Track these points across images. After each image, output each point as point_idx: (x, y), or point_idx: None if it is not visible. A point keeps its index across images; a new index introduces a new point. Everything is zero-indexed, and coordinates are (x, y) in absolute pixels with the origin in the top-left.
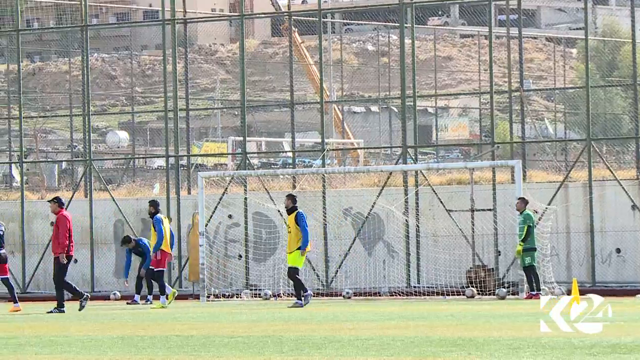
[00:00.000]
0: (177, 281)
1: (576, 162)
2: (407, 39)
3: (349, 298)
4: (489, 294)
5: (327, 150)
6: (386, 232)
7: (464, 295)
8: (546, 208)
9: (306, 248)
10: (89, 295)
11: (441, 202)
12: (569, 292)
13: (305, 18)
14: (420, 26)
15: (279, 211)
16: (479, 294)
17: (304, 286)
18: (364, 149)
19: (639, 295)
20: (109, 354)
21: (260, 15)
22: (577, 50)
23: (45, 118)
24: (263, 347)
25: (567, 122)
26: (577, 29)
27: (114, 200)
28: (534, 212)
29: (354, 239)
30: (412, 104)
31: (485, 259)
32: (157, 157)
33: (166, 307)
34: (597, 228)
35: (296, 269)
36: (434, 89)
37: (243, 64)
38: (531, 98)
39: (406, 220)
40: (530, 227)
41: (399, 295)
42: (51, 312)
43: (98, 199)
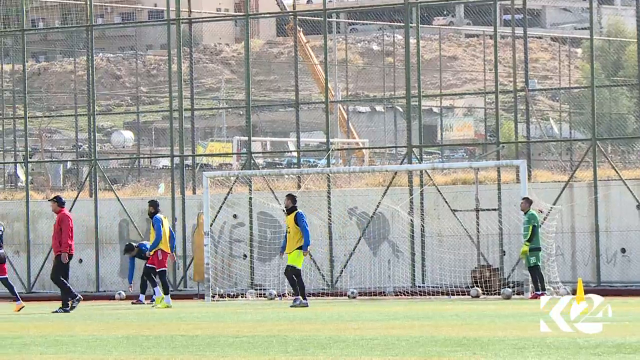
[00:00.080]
0: (182, 281)
1: (581, 162)
2: (412, 39)
3: (353, 298)
4: (494, 294)
5: (332, 150)
6: (391, 231)
7: (469, 295)
8: (551, 208)
9: (308, 248)
10: (81, 298)
11: (446, 202)
12: (574, 291)
13: (310, 18)
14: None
15: (284, 211)
16: (484, 293)
17: (296, 288)
18: (369, 148)
19: None
20: (114, 354)
21: (265, 15)
22: (582, 50)
23: (50, 118)
24: (268, 347)
25: (572, 121)
26: (582, 28)
27: (119, 200)
28: (539, 211)
29: (359, 239)
30: (417, 103)
31: (490, 258)
32: (162, 156)
33: (171, 306)
34: (602, 228)
35: (294, 268)
36: (439, 88)
37: (248, 64)
38: (536, 98)
39: (411, 220)
40: (535, 227)
41: (404, 295)
42: (56, 311)
43: (103, 198)
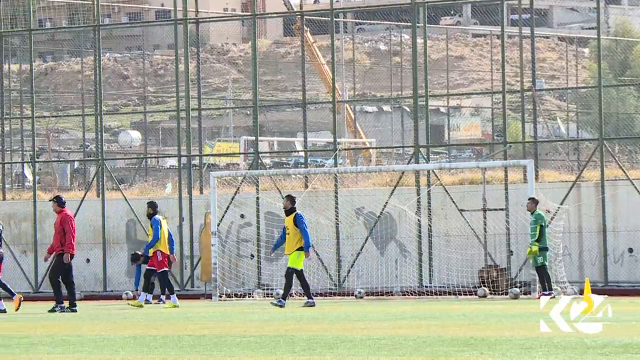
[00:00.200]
0: (189, 281)
1: (588, 162)
2: (420, 39)
3: (361, 298)
4: (501, 294)
5: (340, 149)
6: (398, 231)
7: (476, 295)
8: (558, 208)
9: (309, 249)
10: (64, 307)
11: (453, 201)
12: (581, 291)
13: (318, 18)
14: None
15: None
16: (491, 293)
17: (288, 291)
18: (376, 148)
19: None
20: (121, 354)
21: (272, 15)
22: (589, 50)
23: (57, 118)
24: (275, 347)
25: (579, 121)
26: (589, 28)
27: (126, 199)
28: (546, 211)
29: (366, 239)
30: (424, 103)
31: (497, 258)
32: (169, 156)
33: (178, 305)
34: (609, 228)
35: (295, 269)
36: (446, 88)
37: (255, 64)
38: (543, 97)
39: (418, 220)
40: (542, 226)
41: (411, 295)
42: (64, 311)
43: (110, 198)
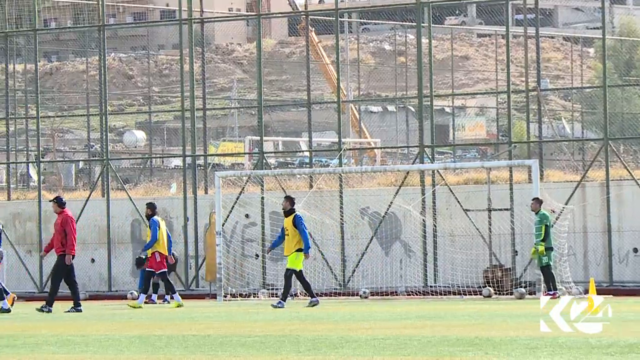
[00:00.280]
0: (194, 281)
1: (593, 162)
2: (424, 39)
3: (365, 298)
4: (506, 294)
5: (344, 149)
6: (403, 231)
7: (481, 295)
8: (563, 208)
9: (309, 250)
10: (51, 310)
11: (458, 201)
12: (586, 291)
13: (322, 18)
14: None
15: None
16: (496, 293)
17: (287, 292)
18: (381, 148)
19: None
20: (126, 354)
21: (277, 15)
22: (594, 50)
23: (62, 118)
24: (280, 347)
25: (584, 121)
26: (594, 28)
27: (131, 199)
28: (551, 211)
29: (371, 239)
30: (429, 103)
31: (502, 258)
32: (174, 156)
33: (182, 304)
34: (614, 228)
35: (294, 270)
36: (451, 88)
37: (260, 64)
38: (548, 97)
39: (423, 220)
40: (547, 226)
41: (416, 295)
42: (68, 311)
43: (115, 198)
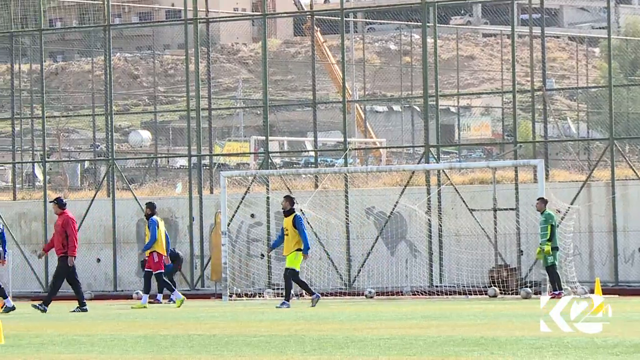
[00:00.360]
0: (199, 280)
1: (599, 162)
2: (430, 38)
3: (371, 297)
4: (511, 294)
5: (350, 149)
6: (409, 231)
7: (486, 294)
8: (569, 207)
9: (308, 251)
10: (46, 310)
11: (464, 201)
12: (591, 291)
13: (328, 17)
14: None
15: (301, 210)
16: (501, 293)
17: (292, 290)
18: (386, 148)
19: None
20: (132, 353)
21: (282, 15)
22: (599, 49)
23: (67, 117)
24: (285, 347)
25: (589, 121)
26: (599, 28)
27: (136, 199)
28: (556, 211)
29: (377, 239)
30: (434, 103)
31: (507, 258)
32: (180, 156)
33: (184, 299)
34: (619, 227)
35: (294, 270)
36: (456, 88)
37: (265, 64)
38: (554, 97)
39: (429, 220)
40: (553, 226)
41: (422, 295)
42: (74, 311)
43: (120, 198)
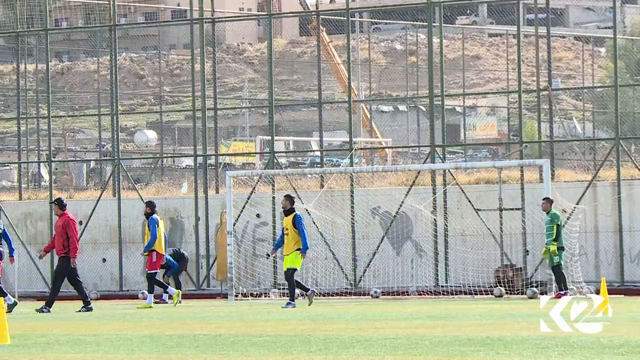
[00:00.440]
0: (205, 280)
1: (605, 161)
2: (435, 38)
3: (377, 297)
4: (517, 294)
5: (355, 149)
6: (414, 231)
7: (492, 294)
8: (574, 207)
9: (307, 251)
10: (50, 311)
11: (469, 201)
12: (597, 291)
13: (333, 17)
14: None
15: (306, 210)
16: (507, 293)
17: (296, 289)
18: (392, 148)
19: None
20: (138, 353)
21: (288, 15)
22: (605, 49)
23: (73, 117)
24: (291, 347)
25: (595, 121)
26: (605, 27)
27: (142, 199)
28: (562, 211)
29: (382, 238)
30: (440, 103)
31: (513, 258)
32: (185, 156)
33: (179, 294)
34: (625, 227)
35: (295, 270)
36: (462, 88)
37: (271, 63)
38: (559, 97)
39: (434, 220)
40: (559, 226)
41: (427, 295)
42: (80, 310)
43: (126, 198)
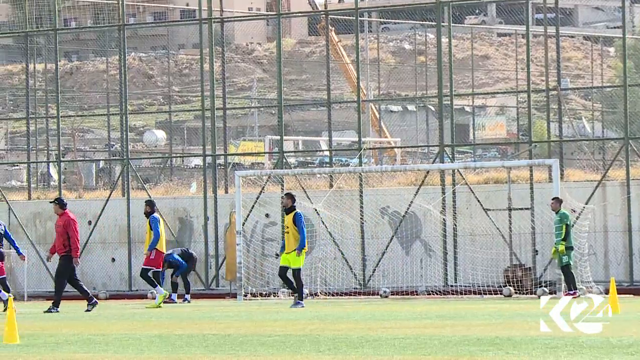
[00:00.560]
0: (214, 280)
1: (614, 161)
2: (444, 38)
3: (386, 297)
4: (526, 293)
5: (364, 149)
6: (423, 231)
7: (501, 294)
8: (584, 207)
9: (303, 249)
10: (59, 310)
11: (478, 201)
12: (606, 291)
13: (342, 17)
14: (458, 25)
15: (315, 210)
16: (516, 293)
17: (300, 288)
18: (401, 147)
19: None
20: (147, 353)
21: (297, 14)
22: (614, 49)
23: (82, 117)
24: (300, 346)
25: (604, 120)
26: (614, 27)
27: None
28: (571, 211)
29: (391, 238)
30: (449, 102)
31: (522, 258)
32: (194, 156)
33: (166, 296)
34: (634, 227)
35: (299, 269)
36: (471, 87)
37: (280, 63)
38: (569, 97)
39: (443, 219)
40: (567, 225)
41: (436, 294)
42: (87, 310)
43: (135, 198)
